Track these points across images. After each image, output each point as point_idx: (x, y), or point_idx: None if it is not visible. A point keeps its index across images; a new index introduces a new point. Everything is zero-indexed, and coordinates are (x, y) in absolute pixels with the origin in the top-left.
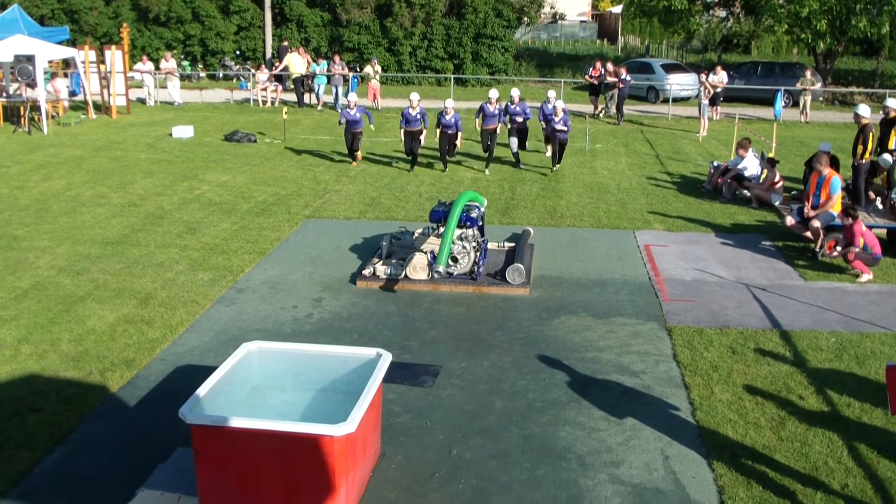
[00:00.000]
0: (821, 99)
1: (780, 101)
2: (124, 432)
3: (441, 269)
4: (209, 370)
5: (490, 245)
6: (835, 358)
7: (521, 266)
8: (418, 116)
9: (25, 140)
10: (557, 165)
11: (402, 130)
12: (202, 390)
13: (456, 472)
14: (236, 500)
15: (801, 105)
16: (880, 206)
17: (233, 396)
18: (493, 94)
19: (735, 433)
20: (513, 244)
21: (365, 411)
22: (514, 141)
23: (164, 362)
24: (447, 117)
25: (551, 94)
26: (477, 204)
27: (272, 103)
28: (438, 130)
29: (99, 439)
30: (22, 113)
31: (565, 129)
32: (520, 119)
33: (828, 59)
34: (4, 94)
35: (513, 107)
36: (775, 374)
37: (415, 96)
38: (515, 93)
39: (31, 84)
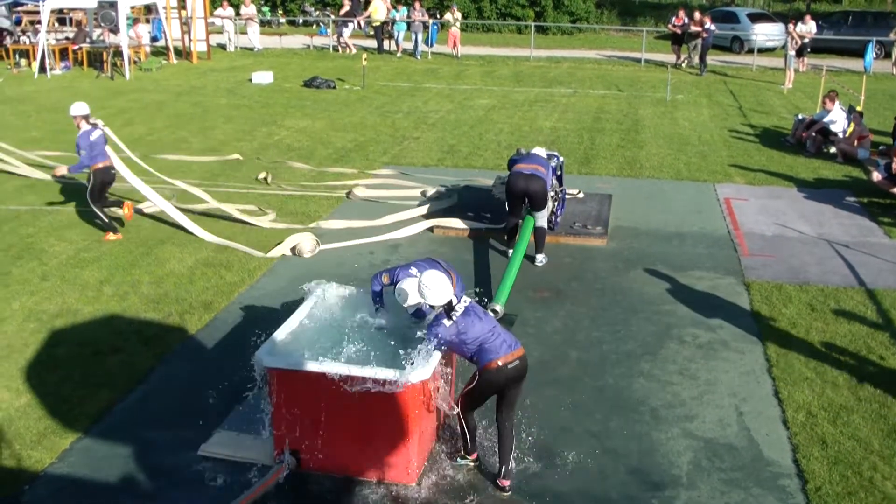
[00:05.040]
0: None
1: (871, 53)
2: (202, 374)
3: (498, 308)
4: (285, 314)
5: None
6: None
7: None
8: None
9: (108, 85)
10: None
11: None
12: (278, 334)
13: (529, 422)
14: (310, 443)
15: (893, 57)
16: None
17: (308, 341)
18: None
19: (812, 391)
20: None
21: (439, 358)
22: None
23: (241, 306)
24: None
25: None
26: (556, 153)
27: (353, 47)
28: None
29: (177, 380)
30: (105, 58)
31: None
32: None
33: None
34: (88, 40)
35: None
36: (855, 333)
37: None
38: None
39: (114, 30)
